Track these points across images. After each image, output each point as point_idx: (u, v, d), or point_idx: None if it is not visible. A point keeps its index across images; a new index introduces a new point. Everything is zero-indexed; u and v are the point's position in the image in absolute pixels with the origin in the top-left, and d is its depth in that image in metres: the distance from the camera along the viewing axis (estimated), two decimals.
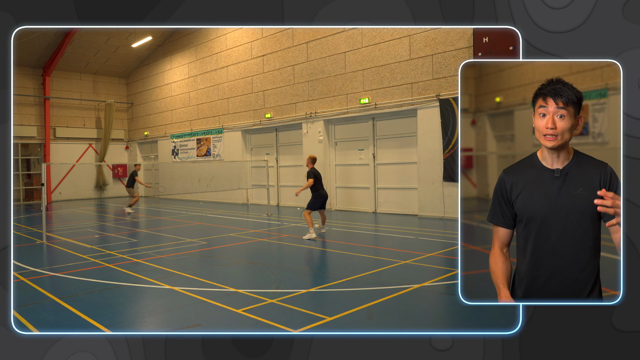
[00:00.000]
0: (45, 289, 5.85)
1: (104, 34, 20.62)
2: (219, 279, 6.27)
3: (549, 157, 2.26)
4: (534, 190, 2.27)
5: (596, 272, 2.24)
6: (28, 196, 22.09)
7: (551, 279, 2.26)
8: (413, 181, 13.28)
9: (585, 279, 2.23)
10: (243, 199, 18.72)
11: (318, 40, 15.18)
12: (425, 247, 8.22)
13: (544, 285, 2.27)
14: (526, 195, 2.28)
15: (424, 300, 5.32)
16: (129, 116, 25.09)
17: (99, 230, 12.04)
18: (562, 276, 2.24)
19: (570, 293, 2.25)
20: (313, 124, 15.52)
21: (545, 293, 2.27)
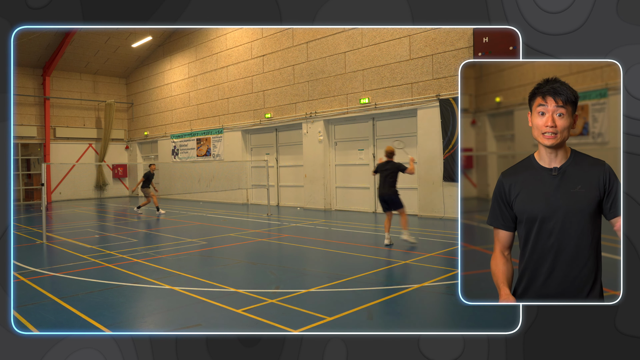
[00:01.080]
0: (45, 289, 5.85)
1: (104, 34, 20.62)
2: (219, 279, 6.27)
3: (547, 156, 2.27)
4: (533, 190, 2.27)
5: (596, 270, 2.24)
6: (28, 196, 22.09)
7: (551, 277, 2.26)
8: (413, 181, 13.28)
9: (585, 277, 2.23)
10: (243, 199, 18.72)
11: (318, 40, 15.18)
12: (425, 247, 8.22)
13: (544, 284, 2.27)
14: (525, 195, 2.29)
15: (424, 300, 5.32)
16: (129, 116, 25.09)
17: (99, 230, 12.04)
18: (562, 275, 2.25)
19: (570, 291, 2.25)
20: (313, 124, 15.51)
21: (546, 292, 2.27)
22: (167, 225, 12.53)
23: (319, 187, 15.40)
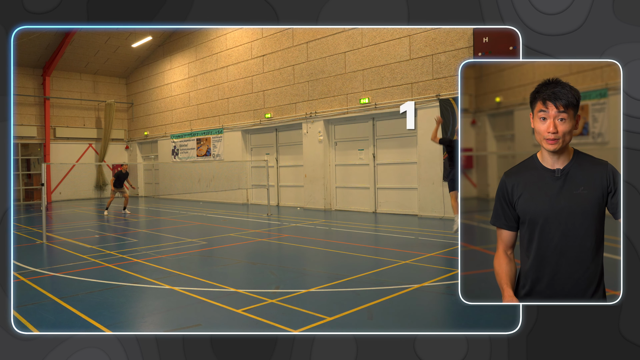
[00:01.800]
0: (45, 289, 5.85)
1: (104, 34, 20.61)
2: (219, 279, 6.27)
3: (550, 158, 2.26)
4: (535, 192, 2.27)
5: (600, 271, 2.24)
6: (28, 196, 22.09)
7: (555, 279, 2.26)
8: (413, 181, 13.28)
9: (589, 278, 2.23)
10: (243, 199, 18.72)
11: (318, 40, 15.18)
12: (425, 247, 8.22)
13: (548, 285, 2.27)
14: (527, 196, 2.28)
15: (424, 300, 5.32)
16: (129, 116, 25.09)
17: (99, 230, 12.04)
18: (566, 276, 2.24)
19: (574, 292, 2.25)
20: (313, 124, 15.51)
21: (550, 293, 2.27)
22: (167, 225, 12.53)
23: (319, 187, 15.40)
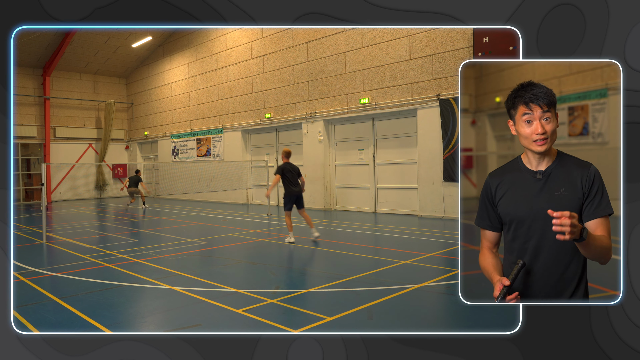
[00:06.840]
0: (45, 289, 5.85)
1: (104, 34, 20.62)
2: (219, 279, 6.27)
3: (534, 160, 2.27)
4: (516, 193, 2.28)
5: (580, 272, 2.24)
6: (28, 196, 22.10)
7: (534, 279, 2.27)
8: (413, 181, 13.29)
9: (568, 280, 2.24)
10: (243, 199, 18.72)
11: (318, 40, 15.18)
12: (425, 247, 8.22)
13: (528, 285, 2.27)
14: (508, 197, 2.30)
15: (424, 300, 5.32)
16: (129, 116, 25.09)
17: (99, 230, 12.04)
18: (545, 276, 2.25)
19: (552, 293, 2.26)
20: (313, 124, 15.52)
21: (529, 293, 2.28)
22: (167, 225, 12.53)
23: (319, 187, 15.40)
